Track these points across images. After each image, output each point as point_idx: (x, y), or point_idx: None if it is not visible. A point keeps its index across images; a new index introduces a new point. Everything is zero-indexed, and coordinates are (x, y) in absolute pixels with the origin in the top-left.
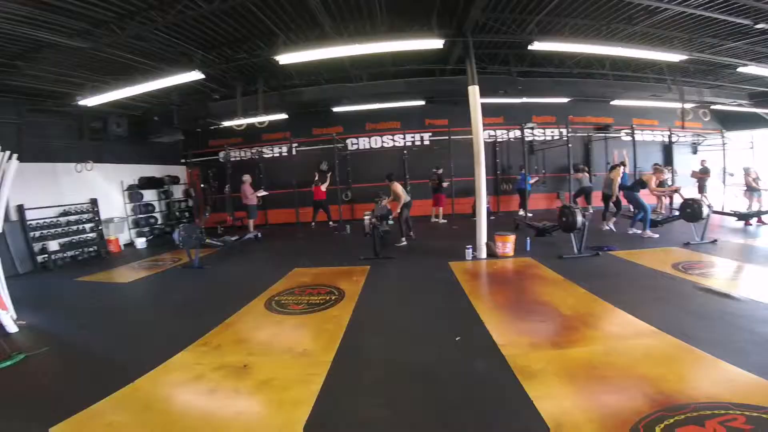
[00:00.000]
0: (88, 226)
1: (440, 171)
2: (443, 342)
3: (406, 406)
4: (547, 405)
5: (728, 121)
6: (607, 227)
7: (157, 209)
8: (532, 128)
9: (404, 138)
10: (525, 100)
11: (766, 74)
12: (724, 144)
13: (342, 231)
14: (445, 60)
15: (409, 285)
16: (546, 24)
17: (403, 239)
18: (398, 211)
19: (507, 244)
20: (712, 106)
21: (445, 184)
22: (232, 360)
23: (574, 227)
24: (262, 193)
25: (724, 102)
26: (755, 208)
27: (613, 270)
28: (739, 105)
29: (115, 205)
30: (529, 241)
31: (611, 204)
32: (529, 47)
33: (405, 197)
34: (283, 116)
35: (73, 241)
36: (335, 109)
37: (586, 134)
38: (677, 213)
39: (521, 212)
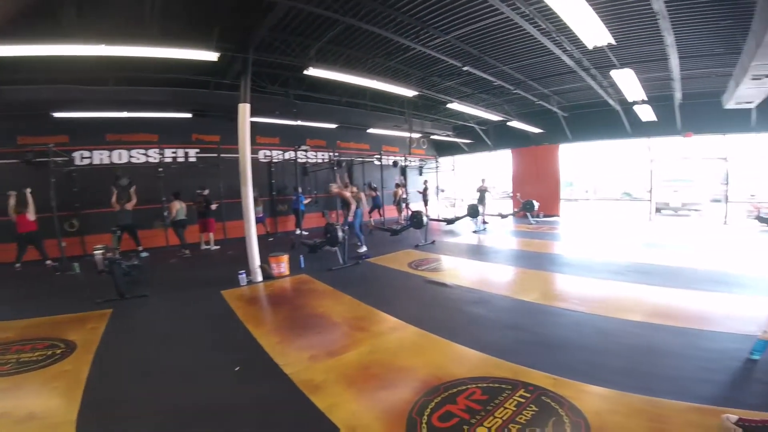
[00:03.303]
0: None
1: (206, 192)
2: (222, 375)
3: None
4: (338, 414)
5: (440, 149)
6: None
7: None
8: (306, 151)
9: (162, 153)
10: (300, 123)
11: (464, 110)
12: (437, 167)
13: (67, 271)
14: (223, 73)
15: (171, 324)
16: (326, 52)
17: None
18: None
19: (281, 264)
20: (432, 136)
21: (213, 207)
22: None
23: (337, 242)
24: None
25: (438, 132)
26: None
27: (370, 275)
28: (447, 135)
29: None
30: (302, 258)
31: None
32: (305, 72)
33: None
34: None
35: None
36: (58, 115)
37: (350, 158)
38: (409, 222)
39: (298, 231)
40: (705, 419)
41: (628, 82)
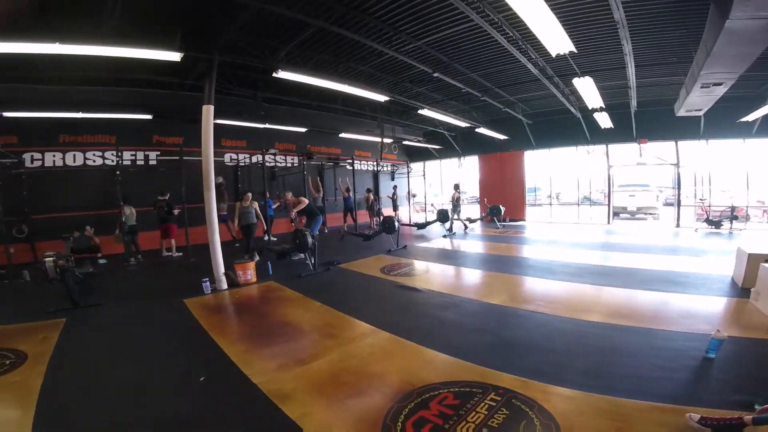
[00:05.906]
0: None
1: (167, 196)
2: (186, 387)
3: None
4: (310, 423)
5: (411, 154)
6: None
7: None
8: (274, 154)
9: (119, 155)
10: (268, 126)
11: (435, 116)
12: (409, 172)
13: (18, 279)
14: (186, 73)
15: (131, 334)
16: (297, 55)
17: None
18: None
19: (248, 271)
20: (403, 142)
21: (176, 212)
22: None
23: (307, 247)
24: None
25: (409, 138)
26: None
27: (341, 281)
28: (418, 141)
29: None
30: (270, 265)
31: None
32: (274, 75)
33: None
34: None
35: None
36: (7, 114)
37: (320, 162)
38: (381, 228)
39: (265, 237)
40: (667, 418)
41: (588, 90)
